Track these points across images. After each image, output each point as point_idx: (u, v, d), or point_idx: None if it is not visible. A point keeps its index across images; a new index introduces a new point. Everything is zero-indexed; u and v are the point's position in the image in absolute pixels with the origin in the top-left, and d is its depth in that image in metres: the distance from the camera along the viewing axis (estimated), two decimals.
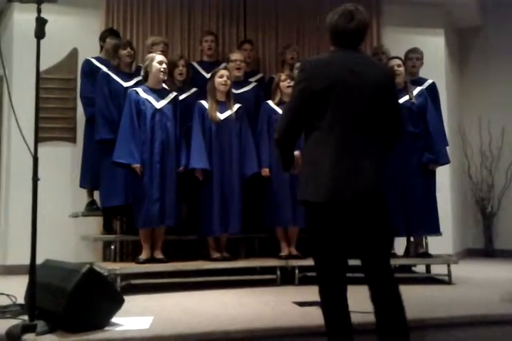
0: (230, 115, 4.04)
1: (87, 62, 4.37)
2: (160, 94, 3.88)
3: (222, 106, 4.04)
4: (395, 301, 2.09)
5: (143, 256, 3.77)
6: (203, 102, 4.04)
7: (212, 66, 4.58)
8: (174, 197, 3.80)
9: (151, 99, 3.83)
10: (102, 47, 4.46)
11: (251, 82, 4.54)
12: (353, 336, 2.08)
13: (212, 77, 4.04)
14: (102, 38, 4.44)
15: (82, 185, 4.41)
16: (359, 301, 2.16)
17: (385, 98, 2.11)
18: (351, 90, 2.05)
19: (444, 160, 4.18)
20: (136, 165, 3.70)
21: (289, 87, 4.10)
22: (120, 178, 3.87)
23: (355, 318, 2.13)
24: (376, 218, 2.10)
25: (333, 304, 2.08)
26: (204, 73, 4.56)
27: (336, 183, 2.01)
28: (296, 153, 2.22)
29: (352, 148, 2.04)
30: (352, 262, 2.12)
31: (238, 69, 4.32)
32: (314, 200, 2.04)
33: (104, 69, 4.19)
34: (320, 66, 2.10)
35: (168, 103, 3.88)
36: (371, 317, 2.13)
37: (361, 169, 2.03)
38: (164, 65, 3.83)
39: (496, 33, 6.26)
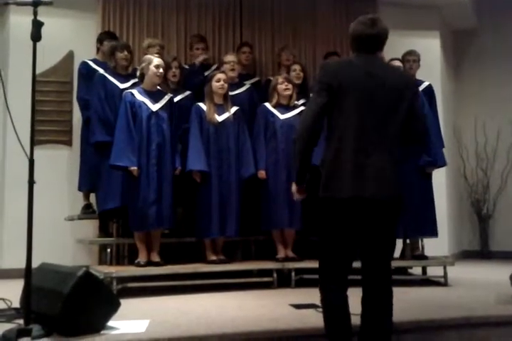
0: (227, 117, 4.04)
1: (85, 64, 4.36)
2: (155, 96, 3.87)
3: (220, 109, 4.05)
4: (386, 307, 2.08)
5: (141, 258, 3.76)
6: (201, 104, 4.04)
7: (203, 68, 4.57)
8: (171, 200, 3.79)
9: (147, 101, 3.82)
10: (98, 49, 4.45)
11: (245, 84, 4.54)
12: (352, 338, 2.07)
13: (210, 80, 4.05)
14: (100, 40, 4.44)
15: (80, 188, 4.40)
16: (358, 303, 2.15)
17: (403, 103, 2.15)
18: (369, 91, 2.11)
19: (441, 163, 4.19)
20: (134, 168, 3.69)
21: (286, 89, 4.12)
22: (117, 181, 3.86)
23: (354, 320, 2.12)
24: (386, 219, 2.12)
25: (335, 306, 2.08)
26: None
27: (355, 181, 2.04)
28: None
29: (372, 147, 2.08)
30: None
31: (232, 70, 4.33)
32: (338, 197, 2.05)
33: (101, 71, 4.18)
34: (339, 67, 2.20)
35: (164, 105, 3.88)
36: None
37: (382, 168, 2.07)
38: (161, 70, 3.83)
39: (490, 35, 6.29)
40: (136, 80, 4.06)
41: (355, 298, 2.15)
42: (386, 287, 2.11)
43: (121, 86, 4.08)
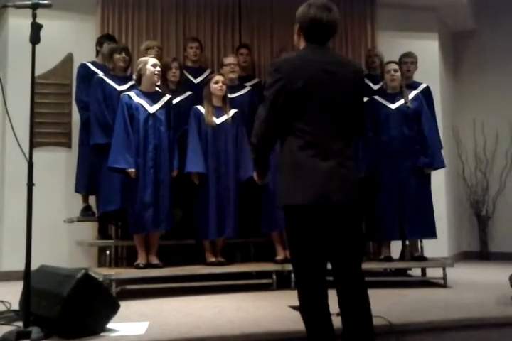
0: (226, 120, 4.05)
1: (84, 67, 4.37)
2: (153, 98, 3.87)
3: (219, 111, 4.06)
4: (362, 308, 2.04)
5: (141, 261, 3.76)
6: (199, 107, 4.05)
7: (197, 71, 4.61)
8: (168, 202, 3.80)
9: (144, 103, 3.82)
10: (98, 52, 4.46)
11: (245, 86, 4.55)
12: None
13: (208, 82, 4.06)
14: (99, 43, 4.45)
15: (77, 190, 4.41)
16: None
17: (355, 96, 2.10)
18: (327, 90, 2.02)
19: (439, 165, 4.19)
20: (131, 170, 3.70)
21: None
22: (116, 183, 3.86)
23: (337, 323, 2.08)
24: (353, 221, 2.07)
25: (314, 309, 2.03)
26: (191, 78, 4.57)
27: (321, 186, 1.98)
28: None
29: (332, 149, 2.01)
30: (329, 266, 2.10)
31: (232, 72, 4.34)
32: (300, 203, 1.99)
33: (100, 73, 4.19)
34: (293, 66, 2.03)
35: (162, 107, 3.88)
36: None
37: (343, 170, 2.01)
38: (158, 68, 3.84)
39: (489, 37, 6.30)
40: (133, 82, 4.06)
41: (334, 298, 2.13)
42: (360, 288, 2.06)
43: (119, 88, 4.09)
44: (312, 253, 2.03)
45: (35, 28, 2.43)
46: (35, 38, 2.43)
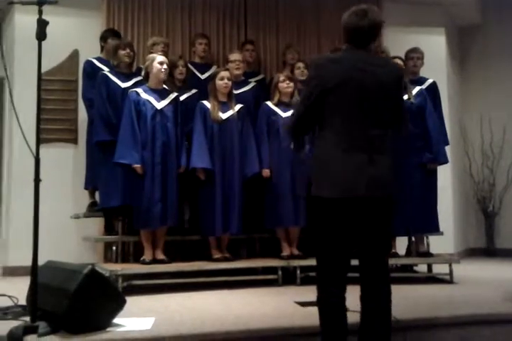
0: (231, 115, 4.04)
1: (89, 63, 4.37)
2: (161, 94, 3.89)
3: (224, 106, 4.05)
4: (384, 304, 2.08)
5: (147, 256, 3.78)
6: (205, 102, 4.05)
7: (204, 68, 4.60)
8: (175, 198, 3.81)
9: (152, 99, 3.83)
10: (102, 48, 4.46)
11: (250, 82, 4.55)
12: (348, 337, 2.06)
13: (213, 78, 4.05)
14: (103, 38, 4.44)
15: (86, 187, 4.41)
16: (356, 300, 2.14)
17: (392, 96, 2.16)
18: (361, 88, 2.09)
19: (443, 160, 4.17)
20: (137, 166, 3.71)
21: (287, 87, 4.12)
22: (118, 179, 3.86)
23: (351, 318, 2.10)
24: (382, 217, 2.10)
25: (331, 302, 2.07)
26: (198, 74, 4.57)
27: (349, 179, 2.04)
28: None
29: (363, 145, 2.07)
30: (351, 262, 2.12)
31: (237, 69, 4.34)
32: (328, 196, 2.05)
33: (105, 69, 4.20)
34: (331, 64, 2.16)
35: (169, 103, 3.89)
36: None
37: (374, 165, 2.06)
38: (165, 66, 3.85)
39: (496, 32, 6.26)
40: (138, 79, 4.09)
41: (354, 295, 2.14)
42: (384, 284, 2.11)
43: (123, 85, 4.08)
44: (336, 246, 2.07)
45: (41, 25, 2.43)
46: (41, 35, 2.44)
